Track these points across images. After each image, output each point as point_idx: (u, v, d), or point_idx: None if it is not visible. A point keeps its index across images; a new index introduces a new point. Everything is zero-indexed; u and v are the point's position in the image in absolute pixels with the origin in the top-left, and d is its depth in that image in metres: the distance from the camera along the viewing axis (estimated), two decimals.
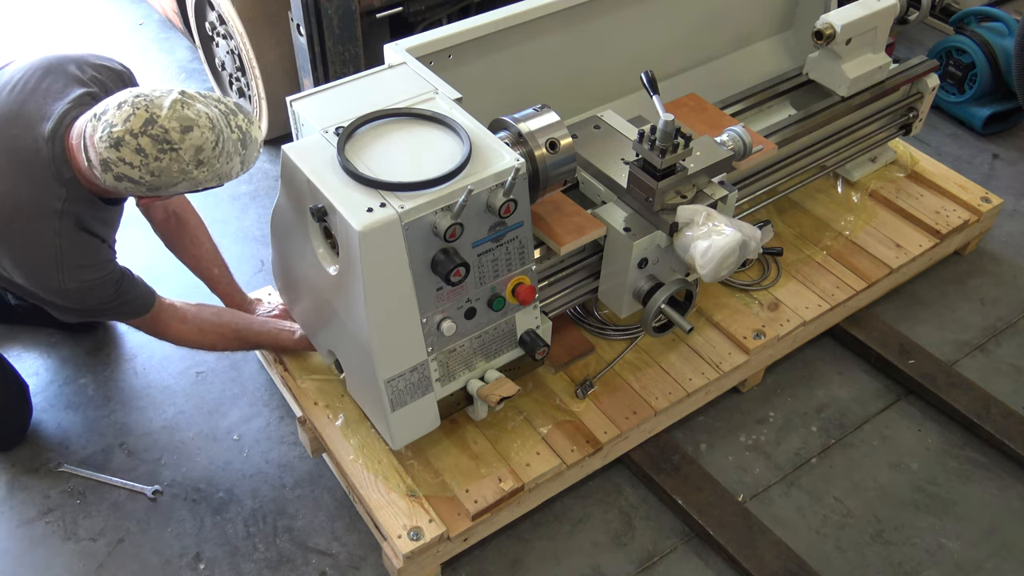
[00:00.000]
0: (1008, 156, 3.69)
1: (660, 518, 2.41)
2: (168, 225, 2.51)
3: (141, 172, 1.80)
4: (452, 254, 1.86)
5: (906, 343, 2.78)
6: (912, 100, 2.99)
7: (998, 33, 3.67)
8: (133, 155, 1.78)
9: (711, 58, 3.01)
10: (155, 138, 1.78)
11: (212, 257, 2.58)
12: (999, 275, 3.14)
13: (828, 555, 2.33)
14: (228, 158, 1.89)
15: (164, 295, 2.27)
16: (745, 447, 2.58)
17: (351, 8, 2.82)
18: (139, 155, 1.78)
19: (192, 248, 2.56)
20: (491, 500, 2.15)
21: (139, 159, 1.79)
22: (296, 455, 2.52)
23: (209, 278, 2.59)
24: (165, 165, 1.80)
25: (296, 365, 2.45)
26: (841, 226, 2.95)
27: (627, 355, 2.53)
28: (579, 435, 2.32)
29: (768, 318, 2.64)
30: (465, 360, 2.10)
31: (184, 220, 2.53)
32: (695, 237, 2.11)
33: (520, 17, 2.37)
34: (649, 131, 2.10)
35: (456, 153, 1.88)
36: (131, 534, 2.34)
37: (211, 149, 1.83)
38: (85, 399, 2.66)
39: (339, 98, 2.03)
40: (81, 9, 4.49)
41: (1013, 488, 2.50)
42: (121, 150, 1.78)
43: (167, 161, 1.80)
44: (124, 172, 1.81)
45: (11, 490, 2.43)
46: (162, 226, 2.52)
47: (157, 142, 1.78)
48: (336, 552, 2.31)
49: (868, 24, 2.66)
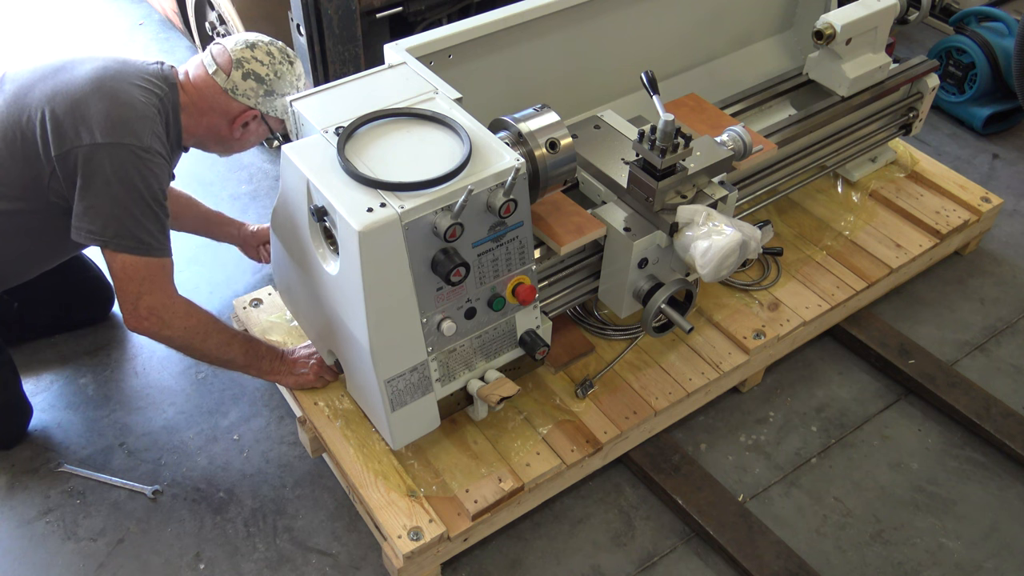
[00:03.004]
0: (1008, 156, 3.69)
1: (660, 518, 2.41)
2: None
3: (267, 70, 2.22)
4: (452, 254, 1.86)
5: (906, 343, 2.78)
6: (912, 100, 2.99)
7: (998, 33, 3.67)
8: (264, 55, 2.23)
9: (711, 58, 3.01)
10: (281, 49, 2.27)
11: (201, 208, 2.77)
12: (999, 275, 3.14)
13: (828, 555, 2.34)
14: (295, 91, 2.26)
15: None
16: (745, 447, 2.58)
17: (351, 8, 2.82)
18: (269, 56, 2.23)
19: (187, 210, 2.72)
20: (491, 500, 2.15)
21: (268, 59, 2.23)
22: (296, 455, 2.52)
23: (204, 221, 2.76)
24: (285, 70, 2.25)
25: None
26: (841, 226, 2.96)
27: (627, 355, 2.53)
28: (579, 435, 2.32)
29: (768, 318, 2.65)
30: (465, 360, 2.10)
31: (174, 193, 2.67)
32: (695, 237, 2.11)
33: (520, 17, 2.37)
34: (649, 131, 2.10)
35: (456, 153, 1.88)
36: (131, 534, 2.34)
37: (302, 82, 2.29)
38: (85, 399, 2.66)
39: (339, 98, 2.03)
40: (81, 9, 4.49)
41: (1013, 488, 2.50)
42: (255, 51, 2.22)
43: (286, 68, 2.26)
44: (254, 68, 2.20)
45: (11, 490, 2.43)
46: None
47: (282, 52, 2.26)
48: (336, 552, 2.31)
49: (868, 24, 2.66)
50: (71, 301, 2.76)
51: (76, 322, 2.83)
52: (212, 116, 2.25)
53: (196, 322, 2.16)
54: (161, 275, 2.11)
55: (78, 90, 2.07)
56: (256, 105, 2.24)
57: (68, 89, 2.08)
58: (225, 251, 3.14)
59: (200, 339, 2.18)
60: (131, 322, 2.12)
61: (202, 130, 2.27)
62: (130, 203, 2.03)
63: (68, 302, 2.75)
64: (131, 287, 2.09)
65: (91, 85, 2.07)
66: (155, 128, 2.10)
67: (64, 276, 2.61)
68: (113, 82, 2.09)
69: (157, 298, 2.10)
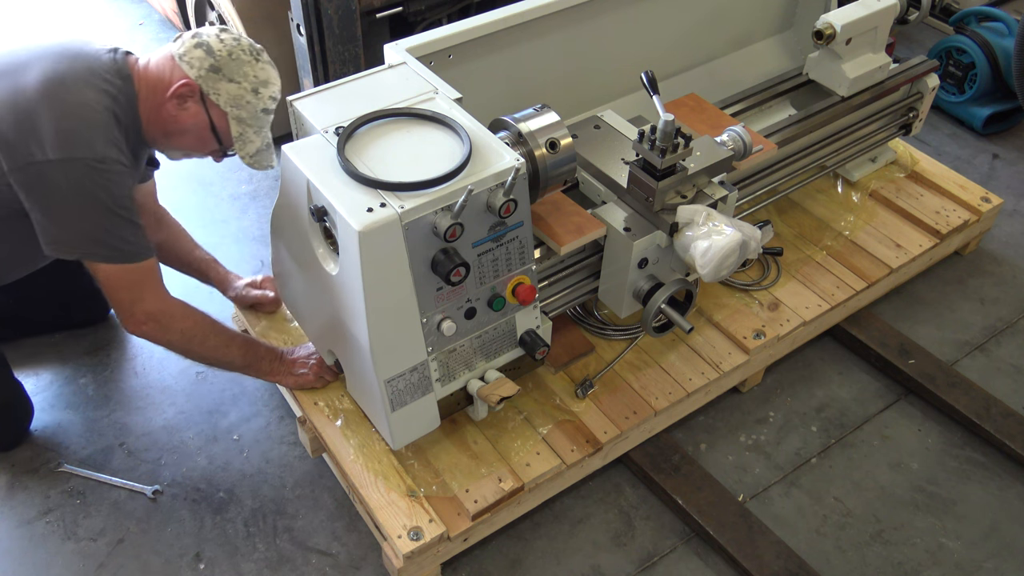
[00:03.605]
0: (1008, 156, 3.69)
1: (660, 518, 2.41)
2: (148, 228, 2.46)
3: (223, 47, 2.02)
4: (452, 254, 1.86)
5: (906, 343, 2.78)
6: (912, 100, 2.99)
7: (998, 33, 3.67)
8: (231, 39, 2.05)
9: (711, 58, 3.01)
10: (251, 46, 2.07)
11: (191, 244, 2.63)
12: (999, 275, 3.14)
13: (828, 555, 2.33)
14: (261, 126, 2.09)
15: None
16: (745, 447, 2.58)
17: (351, 8, 2.82)
18: (234, 42, 2.04)
19: (176, 242, 2.58)
20: (491, 500, 2.15)
21: (231, 42, 2.04)
22: (296, 455, 2.52)
23: (192, 260, 2.61)
24: (243, 58, 2.04)
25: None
26: (841, 226, 2.95)
27: (627, 355, 2.53)
28: (579, 435, 2.32)
29: (768, 318, 2.65)
30: (465, 360, 2.10)
31: (162, 219, 2.56)
32: (695, 237, 2.11)
33: (520, 17, 2.37)
34: (649, 131, 2.10)
35: (456, 153, 1.88)
36: (131, 534, 2.34)
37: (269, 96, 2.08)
38: (85, 399, 2.66)
39: (339, 98, 2.03)
40: (81, 9, 4.49)
41: (1013, 488, 2.50)
42: (223, 34, 2.05)
43: (246, 57, 2.04)
44: (209, 41, 2.02)
45: (11, 490, 2.43)
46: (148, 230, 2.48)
47: (251, 48, 2.06)
48: (336, 552, 2.31)
49: (868, 24, 2.66)
50: (70, 301, 2.76)
51: (76, 322, 2.83)
52: (159, 95, 2.05)
53: (193, 324, 2.15)
54: (149, 279, 2.09)
55: (26, 101, 1.94)
56: (197, 78, 2.01)
57: (16, 100, 1.95)
58: (225, 251, 3.15)
59: (199, 341, 2.17)
60: (130, 327, 2.12)
61: (153, 115, 2.08)
62: (96, 215, 1.98)
63: (67, 302, 2.75)
64: (122, 295, 2.07)
65: (39, 94, 1.94)
66: (110, 134, 1.98)
67: (63, 276, 2.61)
68: (62, 88, 1.96)
69: (151, 303, 2.09)
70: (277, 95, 2.11)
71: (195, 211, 3.30)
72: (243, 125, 2.08)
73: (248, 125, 2.08)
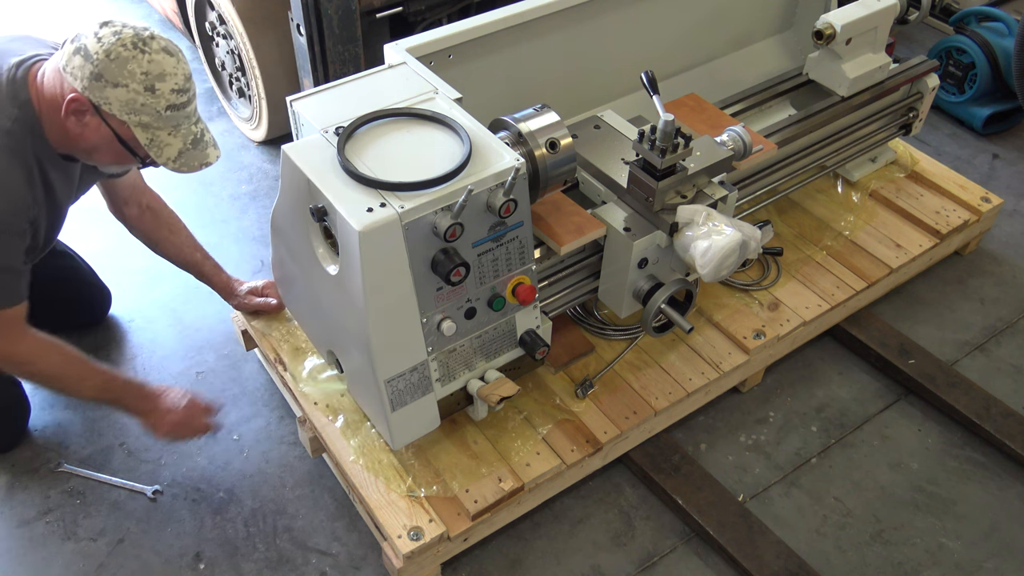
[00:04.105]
0: (1008, 156, 3.69)
1: (660, 518, 2.41)
2: (143, 221, 2.46)
3: (99, 48, 1.75)
4: (452, 254, 1.86)
5: (906, 343, 2.78)
6: (912, 100, 2.99)
7: (998, 33, 3.67)
8: (109, 34, 1.77)
9: (711, 58, 3.01)
10: (137, 34, 1.78)
11: (192, 243, 2.54)
12: (999, 275, 3.14)
13: (828, 555, 2.33)
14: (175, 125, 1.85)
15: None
16: (745, 447, 2.58)
17: (351, 8, 2.82)
18: (114, 36, 1.77)
19: (171, 237, 2.50)
20: (491, 500, 2.15)
21: (111, 39, 1.76)
22: (296, 455, 2.52)
23: (193, 263, 2.53)
24: (124, 55, 1.76)
25: (298, 368, 2.45)
26: (841, 226, 2.95)
27: (627, 355, 2.53)
28: (579, 435, 2.32)
29: (768, 318, 2.65)
30: (465, 360, 2.10)
31: (158, 212, 2.48)
32: (695, 237, 2.11)
33: (520, 17, 2.37)
34: (649, 131, 2.10)
35: (456, 153, 1.88)
36: (131, 534, 2.34)
37: (170, 90, 1.80)
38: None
39: (339, 98, 2.03)
40: (81, 9, 4.49)
41: (1013, 488, 2.50)
42: (103, 28, 1.79)
43: (128, 54, 1.76)
44: (86, 43, 1.76)
45: (11, 490, 2.43)
46: (137, 223, 2.46)
47: (136, 38, 1.78)
48: (336, 552, 2.31)
49: (868, 24, 2.66)
50: (67, 308, 2.73)
51: (73, 326, 2.81)
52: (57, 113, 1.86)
53: (48, 366, 2.08)
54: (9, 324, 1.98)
55: None
56: (84, 90, 1.79)
57: None
58: (225, 251, 3.15)
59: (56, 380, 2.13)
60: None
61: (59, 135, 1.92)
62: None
63: (65, 309, 2.72)
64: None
65: None
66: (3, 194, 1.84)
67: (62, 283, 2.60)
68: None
69: (6, 347, 2.01)
70: (182, 84, 1.84)
71: (195, 211, 3.29)
72: (150, 130, 1.85)
73: (157, 128, 1.85)
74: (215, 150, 1.99)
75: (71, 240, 2.82)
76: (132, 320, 2.90)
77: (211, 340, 2.83)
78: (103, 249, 3.08)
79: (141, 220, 2.47)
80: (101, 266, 2.87)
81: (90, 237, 3.11)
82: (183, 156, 1.91)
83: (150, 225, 2.48)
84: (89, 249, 2.95)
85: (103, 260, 2.97)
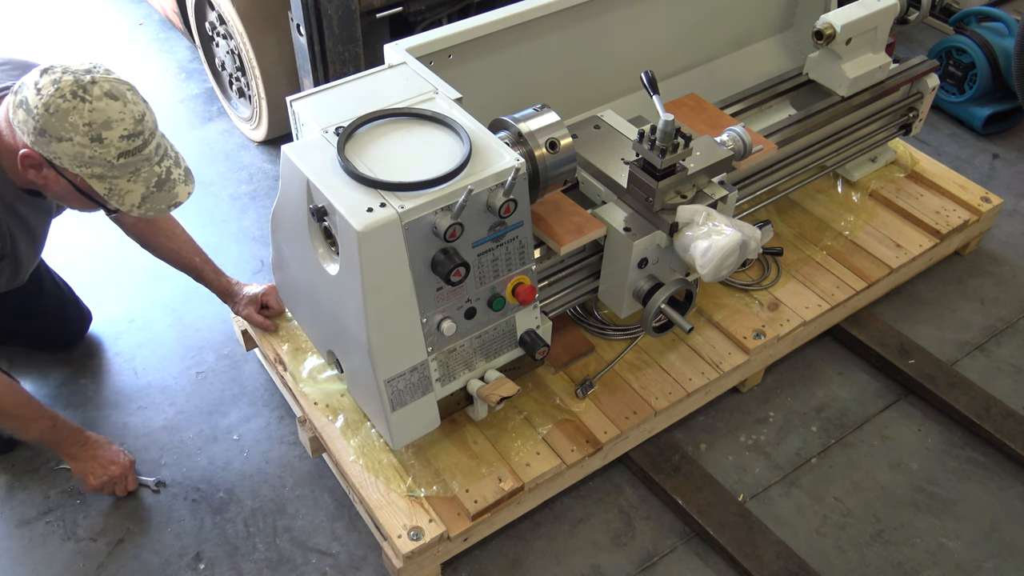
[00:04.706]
0: (1008, 156, 3.69)
1: (660, 518, 2.41)
2: (139, 226, 2.45)
3: (38, 101, 1.67)
4: (452, 254, 1.86)
5: (906, 343, 2.78)
6: (912, 100, 2.99)
7: (998, 33, 3.67)
8: (48, 83, 1.67)
9: (711, 58, 3.01)
10: (77, 80, 1.68)
11: (191, 247, 2.50)
12: (999, 275, 3.14)
13: (828, 555, 2.33)
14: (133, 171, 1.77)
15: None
16: (745, 447, 2.58)
17: (351, 8, 2.82)
18: (53, 86, 1.67)
19: (169, 243, 2.47)
20: (491, 500, 2.15)
21: (48, 87, 1.67)
22: (296, 455, 2.52)
23: (192, 267, 2.51)
24: (64, 107, 1.67)
25: (298, 368, 2.45)
26: (841, 226, 2.96)
27: (627, 355, 2.53)
28: (579, 435, 2.32)
29: (768, 318, 2.65)
30: (465, 360, 2.10)
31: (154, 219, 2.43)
32: (695, 237, 2.11)
33: (520, 17, 2.37)
34: (649, 131, 2.10)
35: (456, 153, 1.88)
36: (131, 534, 2.34)
37: (119, 137, 1.72)
38: (85, 399, 2.66)
39: (339, 98, 2.03)
40: (81, 9, 4.49)
41: (1013, 488, 2.50)
42: (44, 76, 1.69)
43: (67, 105, 1.67)
44: (27, 96, 1.68)
45: (11, 490, 2.43)
46: (134, 228, 2.46)
47: (75, 85, 1.68)
48: (336, 552, 2.31)
49: (868, 24, 2.66)
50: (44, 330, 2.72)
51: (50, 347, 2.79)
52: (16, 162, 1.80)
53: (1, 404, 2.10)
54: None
55: None
56: (32, 145, 1.72)
57: None
58: (225, 251, 3.15)
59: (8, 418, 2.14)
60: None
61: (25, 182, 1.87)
62: None
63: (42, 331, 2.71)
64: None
65: None
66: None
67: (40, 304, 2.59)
68: None
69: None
70: (132, 129, 1.74)
71: (195, 211, 3.29)
72: (106, 180, 1.77)
73: (113, 178, 1.78)
74: (186, 186, 1.90)
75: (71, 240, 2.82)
76: (132, 320, 2.90)
77: (211, 340, 2.84)
78: (103, 249, 3.08)
79: (137, 225, 2.46)
80: (101, 266, 2.88)
81: (89, 237, 3.11)
82: (147, 201, 1.84)
83: (144, 230, 2.47)
84: (88, 249, 2.95)
85: (103, 260, 2.97)
